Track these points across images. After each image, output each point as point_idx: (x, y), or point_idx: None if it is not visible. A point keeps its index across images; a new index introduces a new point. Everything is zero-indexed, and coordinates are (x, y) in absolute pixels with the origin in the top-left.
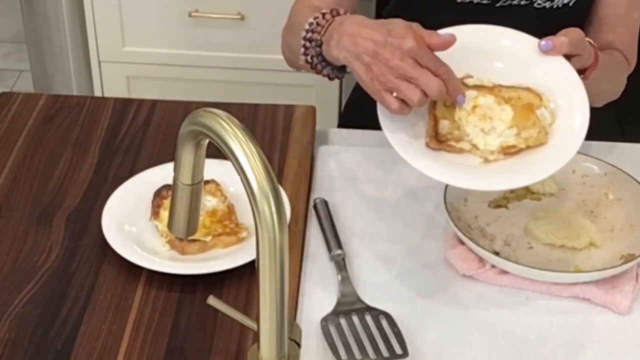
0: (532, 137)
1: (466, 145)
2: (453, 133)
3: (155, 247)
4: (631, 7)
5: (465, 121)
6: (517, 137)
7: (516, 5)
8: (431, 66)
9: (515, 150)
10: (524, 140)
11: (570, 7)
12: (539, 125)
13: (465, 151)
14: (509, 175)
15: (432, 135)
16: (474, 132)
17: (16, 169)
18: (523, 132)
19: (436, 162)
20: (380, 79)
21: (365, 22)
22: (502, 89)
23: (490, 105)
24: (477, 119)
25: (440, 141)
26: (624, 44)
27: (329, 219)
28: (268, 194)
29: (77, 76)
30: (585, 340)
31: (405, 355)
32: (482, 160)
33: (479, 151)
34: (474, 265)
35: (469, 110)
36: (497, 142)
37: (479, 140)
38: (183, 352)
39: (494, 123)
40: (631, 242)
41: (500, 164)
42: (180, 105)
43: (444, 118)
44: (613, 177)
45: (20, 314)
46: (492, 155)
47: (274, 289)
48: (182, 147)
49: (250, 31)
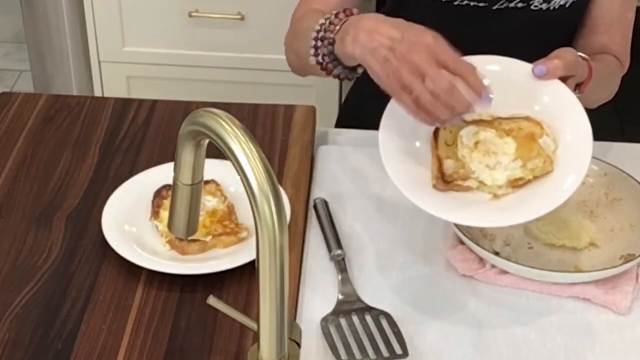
0: (538, 167)
1: (473, 183)
2: (459, 172)
3: (155, 247)
4: (625, 8)
5: (469, 158)
6: (524, 169)
7: (513, 7)
8: (450, 63)
9: (523, 182)
10: (530, 171)
11: (567, 9)
12: (544, 155)
13: (473, 189)
14: (521, 209)
15: (438, 176)
16: (480, 169)
17: (16, 169)
18: (528, 163)
19: (446, 203)
20: (396, 75)
21: (383, 19)
22: (501, 121)
23: (492, 140)
24: (481, 155)
25: (446, 182)
26: (618, 45)
27: (329, 219)
28: (268, 194)
29: (77, 76)
30: (585, 340)
31: (405, 355)
32: (491, 196)
33: (487, 187)
34: (474, 265)
35: (472, 146)
36: (503, 176)
37: (485, 177)
38: (183, 352)
39: (499, 157)
40: (631, 242)
41: (510, 198)
42: (180, 105)
43: (447, 157)
44: (613, 177)
45: (20, 314)
46: (501, 189)
47: (274, 289)
48: (182, 147)
49: (250, 31)
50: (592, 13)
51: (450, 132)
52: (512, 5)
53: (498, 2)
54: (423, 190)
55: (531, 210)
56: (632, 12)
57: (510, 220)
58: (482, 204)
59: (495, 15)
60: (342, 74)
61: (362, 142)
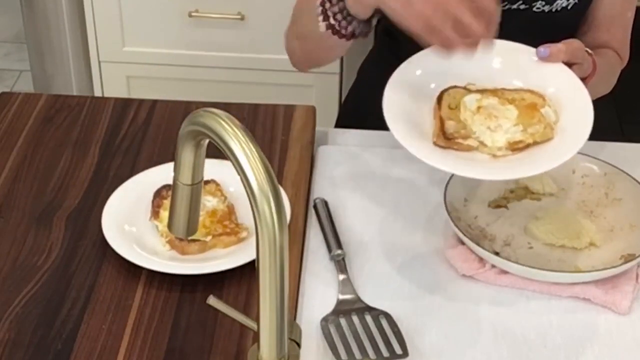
0: (539, 132)
1: (474, 142)
2: (460, 132)
3: (155, 247)
4: (625, 6)
5: (471, 121)
6: (524, 133)
7: (515, 9)
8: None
9: (522, 145)
10: (530, 135)
11: (569, 10)
12: (545, 122)
13: (473, 148)
14: (516, 167)
15: (439, 134)
16: (481, 130)
17: (16, 169)
18: (529, 128)
19: (444, 157)
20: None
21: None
22: (505, 91)
23: (495, 105)
24: (483, 118)
25: (447, 139)
26: (618, 42)
27: (329, 219)
28: (268, 194)
29: (77, 76)
30: (585, 340)
31: (405, 355)
32: (490, 157)
33: (486, 148)
34: (474, 265)
35: (474, 110)
36: (504, 138)
37: (486, 138)
38: (183, 352)
39: (500, 121)
40: (631, 242)
41: (508, 159)
42: (180, 105)
43: (449, 119)
44: (613, 177)
45: (20, 314)
46: (500, 151)
47: (274, 289)
48: (182, 147)
49: (250, 31)
50: (594, 12)
51: (454, 97)
52: (514, 7)
53: (500, 4)
54: (423, 145)
55: (529, 168)
56: (632, 11)
57: (507, 174)
58: (481, 162)
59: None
60: (357, 29)
61: (362, 142)
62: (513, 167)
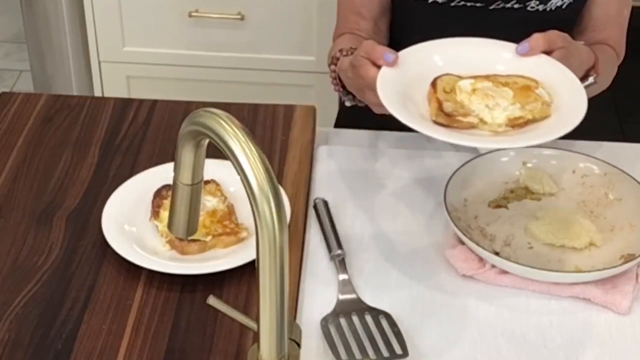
0: (537, 109)
1: (474, 119)
2: (459, 110)
3: (155, 247)
4: (621, 5)
5: (468, 101)
6: (523, 109)
7: (509, 8)
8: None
9: (522, 121)
10: (529, 111)
11: (564, 10)
12: (541, 100)
13: (474, 126)
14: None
15: (439, 112)
16: (480, 108)
17: (16, 169)
18: (527, 105)
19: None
20: None
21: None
22: (497, 76)
23: (490, 87)
24: (480, 98)
25: (447, 116)
26: (614, 40)
27: (329, 219)
28: (268, 194)
29: (77, 76)
30: (585, 340)
31: (405, 355)
32: (491, 134)
33: (487, 125)
34: (474, 265)
35: (469, 92)
36: (503, 115)
37: (485, 115)
38: (183, 352)
39: (497, 100)
40: (631, 242)
41: (510, 134)
42: (180, 105)
43: (446, 101)
44: (613, 177)
45: (20, 314)
46: (500, 127)
47: (274, 289)
48: (182, 147)
49: (250, 31)
50: (589, 11)
51: (447, 83)
52: (508, 6)
53: (495, 3)
54: (424, 122)
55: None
56: (628, 9)
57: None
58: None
59: (492, 15)
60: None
61: (362, 142)
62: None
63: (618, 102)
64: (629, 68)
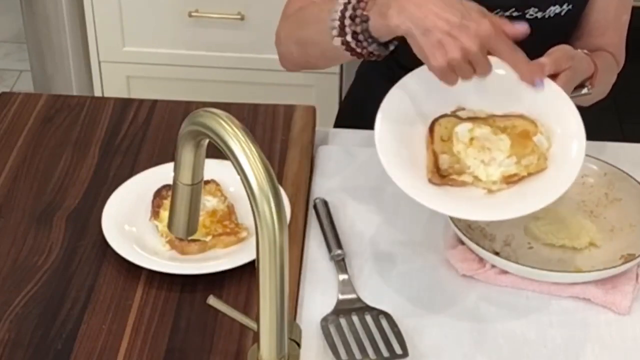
0: (533, 164)
1: (468, 178)
2: (454, 167)
3: (155, 247)
4: (620, 10)
5: (464, 154)
6: (518, 166)
7: (508, 16)
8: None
9: (517, 178)
10: (524, 167)
11: (563, 17)
12: (538, 152)
13: (468, 184)
14: (515, 204)
15: (434, 170)
16: (475, 164)
17: (16, 169)
18: (523, 160)
19: (441, 196)
20: (447, 58)
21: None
22: (496, 118)
23: (487, 136)
24: (476, 151)
25: (442, 176)
26: (614, 47)
27: (329, 219)
28: (268, 194)
29: (77, 76)
30: (585, 340)
31: (405, 355)
32: (485, 192)
33: (481, 182)
34: (474, 265)
35: (467, 142)
36: (498, 172)
37: (480, 172)
38: (183, 352)
39: (493, 154)
40: (631, 242)
41: (504, 194)
42: (180, 105)
43: (443, 152)
44: (613, 177)
45: (20, 314)
46: (495, 185)
47: (274, 289)
48: (182, 147)
49: (250, 31)
50: (588, 18)
51: (445, 128)
52: (507, 14)
53: (493, 11)
54: (418, 183)
55: (526, 205)
56: (627, 14)
57: (505, 214)
58: (477, 199)
59: None
60: (376, 50)
61: (362, 142)
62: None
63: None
64: (628, 69)
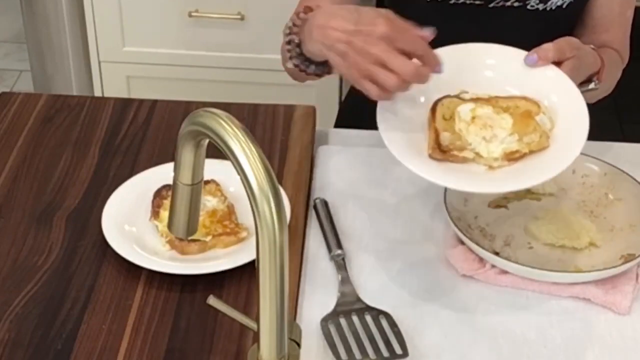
0: (535, 142)
1: (469, 154)
2: (455, 143)
3: (155, 247)
4: (624, 6)
5: (466, 131)
6: (520, 143)
7: (509, 6)
8: (407, 47)
9: (518, 155)
10: (526, 145)
11: (564, 9)
12: (540, 130)
13: (469, 160)
14: (514, 178)
15: (435, 146)
16: (476, 141)
17: (16, 169)
18: (525, 137)
19: (441, 170)
20: (356, 67)
21: (334, 11)
22: (499, 99)
23: (489, 115)
24: (478, 128)
25: (443, 151)
26: (618, 43)
27: (329, 219)
28: (268, 194)
29: (77, 76)
30: (585, 340)
31: (405, 355)
32: (486, 168)
33: (482, 159)
34: (474, 265)
35: (469, 121)
36: (499, 148)
37: (481, 149)
38: (183, 352)
39: (495, 131)
40: (631, 242)
41: (505, 170)
42: (180, 105)
43: (444, 130)
44: (613, 177)
45: (20, 314)
46: (496, 162)
47: (274, 289)
48: (182, 147)
49: (250, 31)
50: (592, 13)
51: (447, 108)
52: (508, 4)
53: (494, 1)
54: (419, 158)
55: (525, 179)
56: (631, 10)
57: (504, 187)
58: (477, 174)
59: (491, 13)
60: (316, 70)
61: (362, 142)
62: (510, 179)
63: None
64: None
